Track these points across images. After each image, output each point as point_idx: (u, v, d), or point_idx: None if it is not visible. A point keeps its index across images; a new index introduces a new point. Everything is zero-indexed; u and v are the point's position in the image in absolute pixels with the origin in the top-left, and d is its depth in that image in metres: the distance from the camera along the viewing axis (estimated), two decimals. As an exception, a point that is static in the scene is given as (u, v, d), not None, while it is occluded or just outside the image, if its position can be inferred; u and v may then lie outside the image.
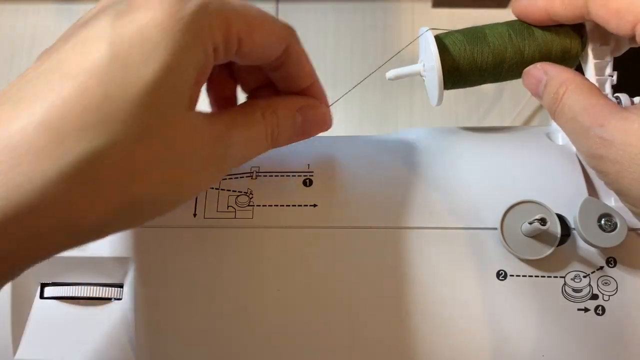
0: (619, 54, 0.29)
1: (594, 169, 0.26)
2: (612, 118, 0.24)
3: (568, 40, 0.30)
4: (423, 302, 0.28)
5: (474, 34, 0.30)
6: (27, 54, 0.61)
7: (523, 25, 0.31)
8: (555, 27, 0.30)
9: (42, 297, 0.30)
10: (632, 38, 0.24)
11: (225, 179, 0.30)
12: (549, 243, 0.27)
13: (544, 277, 0.27)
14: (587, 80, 0.27)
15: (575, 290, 0.27)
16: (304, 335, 0.28)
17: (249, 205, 0.30)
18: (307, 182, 0.30)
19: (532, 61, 0.30)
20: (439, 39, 0.30)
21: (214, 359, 0.28)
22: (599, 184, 0.30)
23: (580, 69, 0.31)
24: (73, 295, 0.30)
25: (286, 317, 0.28)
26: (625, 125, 0.24)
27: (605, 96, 0.26)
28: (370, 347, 0.28)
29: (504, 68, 0.31)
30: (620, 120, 0.24)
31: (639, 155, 0.23)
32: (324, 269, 0.28)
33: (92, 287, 0.30)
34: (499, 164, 0.30)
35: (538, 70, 0.29)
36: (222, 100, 0.30)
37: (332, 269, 0.28)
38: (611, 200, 0.29)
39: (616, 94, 0.31)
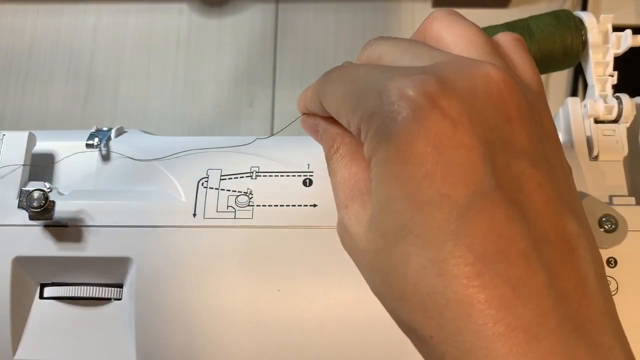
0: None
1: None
2: (356, 201, 0.21)
3: (569, 41, 0.30)
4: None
5: None
6: (27, 54, 0.61)
7: (523, 26, 0.31)
8: (555, 27, 0.30)
9: (41, 297, 0.30)
10: (359, 137, 0.21)
11: (225, 179, 0.30)
12: (549, 243, 0.27)
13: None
14: (357, 141, 0.22)
15: (575, 291, 0.27)
16: (304, 335, 0.28)
17: (249, 205, 0.30)
18: (307, 182, 0.30)
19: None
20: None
21: (214, 358, 0.28)
22: (598, 184, 0.30)
23: (580, 69, 0.31)
24: (73, 295, 0.30)
25: (286, 317, 0.28)
26: (361, 214, 0.21)
27: (366, 162, 0.21)
28: (370, 346, 0.28)
29: None
30: (360, 207, 0.21)
31: (365, 252, 0.20)
32: (324, 269, 0.28)
33: (92, 287, 0.30)
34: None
35: (312, 121, 0.25)
36: None
37: (332, 269, 0.28)
38: (611, 200, 0.29)
39: (616, 94, 0.31)
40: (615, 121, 0.31)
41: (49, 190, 0.29)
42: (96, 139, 0.32)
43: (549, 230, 0.18)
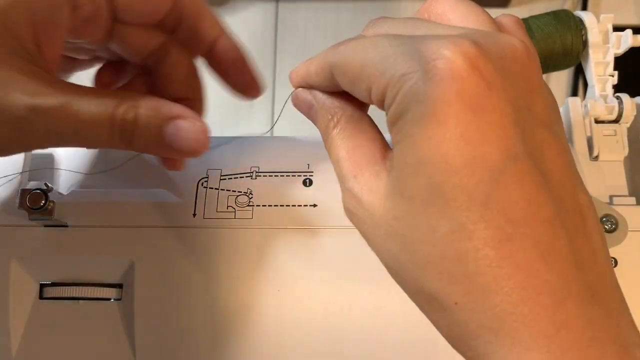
0: None
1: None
2: (366, 170, 0.21)
3: (569, 40, 0.30)
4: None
5: None
6: (27, 53, 0.61)
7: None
8: (555, 26, 0.30)
9: (41, 297, 0.30)
10: (380, 105, 0.20)
11: (225, 179, 0.30)
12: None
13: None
14: (359, 112, 0.22)
15: (575, 291, 0.27)
16: (304, 335, 0.28)
17: (248, 205, 0.30)
18: (307, 182, 0.30)
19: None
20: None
21: (214, 358, 0.28)
22: (599, 184, 0.30)
23: (580, 69, 0.31)
24: (73, 295, 0.30)
25: (286, 317, 0.28)
26: (374, 182, 0.20)
27: (376, 136, 0.22)
28: (370, 346, 0.28)
29: None
30: (372, 175, 0.20)
31: (382, 221, 0.20)
32: (323, 269, 0.28)
33: (91, 287, 0.30)
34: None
35: (307, 95, 0.24)
36: None
37: (332, 269, 0.28)
38: (612, 200, 0.29)
39: (617, 94, 0.31)
40: (616, 121, 0.31)
41: (49, 190, 0.29)
42: (96, 139, 0.32)
43: (567, 199, 0.19)
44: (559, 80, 0.58)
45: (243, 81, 0.28)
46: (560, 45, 0.31)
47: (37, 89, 0.22)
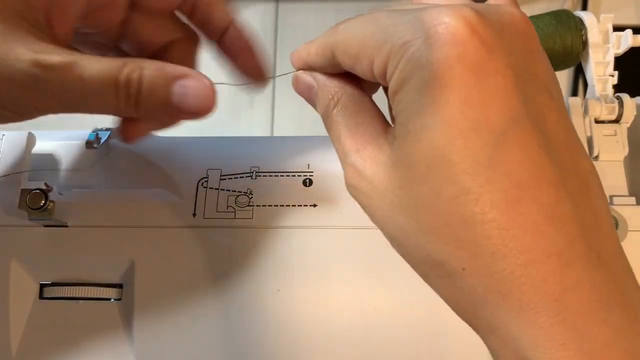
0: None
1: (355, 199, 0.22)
2: (369, 144, 0.21)
3: (569, 41, 0.30)
4: (424, 299, 0.28)
5: None
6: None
7: (523, 25, 0.31)
8: (555, 27, 0.30)
9: (41, 297, 0.30)
10: (382, 78, 0.21)
11: (225, 179, 0.30)
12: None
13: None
14: (360, 91, 0.23)
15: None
16: (304, 335, 0.28)
17: (248, 205, 0.30)
18: (307, 182, 0.30)
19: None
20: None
21: (213, 358, 0.28)
22: (599, 184, 0.30)
23: (580, 69, 0.31)
24: (73, 295, 0.30)
25: (286, 317, 0.28)
26: (377, 154, 0.20)
27: (378, 113, 0.22)
28: (370, 346, 0.28)
29: None
30: (375, 148, 0.21)
31: (386, 191, 0.20)
32: (323, 269, 0.28)
33: (91, 287, 0.30)
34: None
35: (307, 77, 0.24)
36: None
37: (332, 269, 0.28)
38: (612, 200, 0.29)
39: (617, 94, 0.31)
40: (616, 121, 0.31)
41: (49, 190, 0.29)
42: (96, 139, 0.32)
43: (569, 162, 0.19)
44: (559, 80, 0.58)
45: (251, 66, 0.29)
46: (560, 46, 0.31)
47: (42, 47, 0.22)
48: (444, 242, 0.18)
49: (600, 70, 0.32)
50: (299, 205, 0.29)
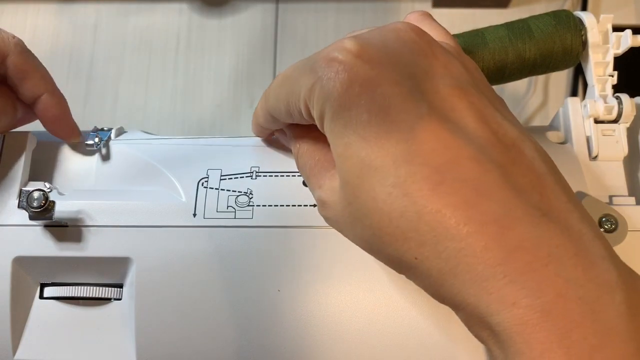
0: None
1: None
2: (325, 177, 0.24)
3: (569, 41, 0.30)
4: (424, 299, 0.28)
5: (473, 39, 0.30)
6: (27, 54, 0.61)
7: (523, 26, 0.31)
8: (555, 27, 0.30)
9: (41, 297, 0.30)
10: (312, 119, 0.24)
11: (225, 179, 0.30)
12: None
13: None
14: (315, 133, 0.25)
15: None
16: (304, 335, 0.28)
17: (248, 205, 0.30)
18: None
19: (534, 63, 0.30)
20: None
21: (214, 358, 0.28)
22: (598, 184, 0.30)
23: (580, 69, 0.31)
24: (73, 295, 0.30)
25: (286, 318, 0.28)
26: (332, 183, 0.23)
27: (326, 148, 0.25)
28: (371, 346, 0.28)
29: (505, 73, 0.31)
30: (330, 180, 0.23)
31: (344, 211, 0.22)
32: (324, 269, 0.28)
33: (91, 287, 0.30)
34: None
35: (281, 136, 0.29)
36: None
37: (332, 269, 0.28)
38: (611, 200, 0.29)
39: (616, 94, 0.31)
40: (615, 121, 0.31)
41: (49, 190, 0.29)
42: (96, 139, 0.32)
43: (490, 136, 0.20)
44: (558, 80, 0.58)
45: (62, 132, 0.32)
46: (560, 46, 0.31)
47: None
48: (393, 239, 0.20)
49: (600, 71, 0.32)
50: (299, 205, 0.29)
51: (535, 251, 0.18)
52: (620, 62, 0.32)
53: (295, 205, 0.29)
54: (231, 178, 0.30)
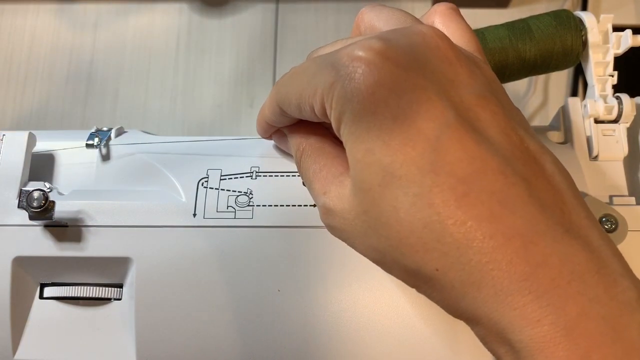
0: None
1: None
2: (332, 183, 0.23)
3: (569, 41, 0.30)
4: (424, 299, 0.28)
5: None
6: (27, 54, 0.61)
7: (523, 26, 0.31)
8: (555, 27, 0.30)
9: (41, 297, 0.30)
10: (326, 118, 0.22)
11: (225, 179, 0.30)
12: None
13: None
14: (320, 137, 0.25)
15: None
16: (304, 335, 0.28)
17: (249, 205, 0.30)
18: (307, 182, 0.30)
19: (534, 63, 0.30)
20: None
21: (214, 358, 0.28)
22: (598, 184, 0.30)
23: (580, 69, 0.31)
24: (73, 295, 0.30)
25: (286, 317, 0.28)
26: (341, 190, 0.22)
27: (338, 154, 0.24)
28: (371, 346, 0.28)
29: (505, 73, 0.31)
30: (338, 186, 0.22)
31: (355, 220, 0.21)
32: (324, 269, 0.28)
33: (92, 287, 0.30)
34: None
35: (281, 134, 0.27)
36: None
37: (332, 269, 0.28)
38: (612, 200, 0.29)
39: (616, 94, 0.31)
40: (616, 121, 0.31)
41: (49, 190, 0.29)
42: (96, 139, 0.32)
43: (514, 149, 0.20)
44: (559, 80, 0.58)
45: None
46: (560, 46, 0.31)
47: None
48: (413, 250, 0.19)
49: (600, 71, 0.32)
50: (299, 205, 0.29)
51: (559, 268, 0.18)
52: (620, 62, 0.32)
53: (295, 205, 0.29)
54: (231, 178, 0.30)
